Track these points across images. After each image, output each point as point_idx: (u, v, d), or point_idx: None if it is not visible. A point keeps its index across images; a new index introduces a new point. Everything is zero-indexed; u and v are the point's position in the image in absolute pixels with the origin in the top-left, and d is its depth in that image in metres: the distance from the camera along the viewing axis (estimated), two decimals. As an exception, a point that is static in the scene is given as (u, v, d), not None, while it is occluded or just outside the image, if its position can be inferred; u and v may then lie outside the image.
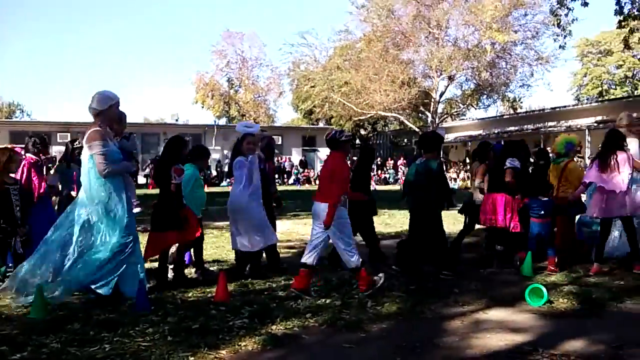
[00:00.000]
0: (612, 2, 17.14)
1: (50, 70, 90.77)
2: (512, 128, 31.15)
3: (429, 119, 31.36)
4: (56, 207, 6.80)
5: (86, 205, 5.01)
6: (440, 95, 31.26)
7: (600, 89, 49.50)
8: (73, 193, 6.51)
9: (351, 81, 29.82)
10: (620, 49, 36.46)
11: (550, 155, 7.62)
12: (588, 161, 8.20)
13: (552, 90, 56.74)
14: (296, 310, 4.65)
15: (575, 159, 7.72)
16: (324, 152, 34.96)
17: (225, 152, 29.84)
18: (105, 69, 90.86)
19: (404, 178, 8.85)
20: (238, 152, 6.01)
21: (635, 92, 45.66)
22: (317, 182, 7.08)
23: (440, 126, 30.87)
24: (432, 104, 30.76)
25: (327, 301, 4.95)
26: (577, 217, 7.23)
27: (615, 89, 49.42)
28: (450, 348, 3.80)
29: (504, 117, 35.75)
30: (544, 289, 4.82)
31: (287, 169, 32.32)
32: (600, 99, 41.53)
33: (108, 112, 5.11)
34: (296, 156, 34.79)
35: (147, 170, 26.80)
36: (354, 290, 5.24)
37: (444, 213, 6.34)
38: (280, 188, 7.44)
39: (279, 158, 31.49)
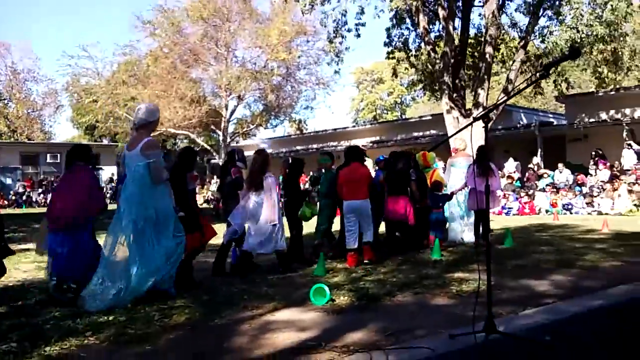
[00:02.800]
0: (384, 35, 19.17)
1: None
2: (299, 147, 32.79)
3: (220, 138, 31.51)
4: None
5: (138, 212, 5.29)
6: (230, 114, 31.64)
7: (374, 113, 54.66)
8: None
9: (138, 97, 28.66)
10: (390, 78, 40.53)
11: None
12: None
13: (334, 112, 61.85)
14: (74, 329, 4.27)
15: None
16: (108, 171, 33.01)
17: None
18: None
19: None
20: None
21: (403, 116, 51.32)
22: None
23: (231, 145, 31.23)
24: (222, 122, 30.96)
25: (110, 318, 4.64)
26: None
27: (387, 113, 55.00)
28: (239, 350, 3.81)
29: (292, 137, 37.50)
30: (327, 289, 5.11)
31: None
32: (374, 122, 45.84)
33: (153, 123, 5.67)
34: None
35: None
36: (140, 305, 5.00)
37: None
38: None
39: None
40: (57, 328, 4.32)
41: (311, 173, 14.03)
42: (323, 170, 8.69)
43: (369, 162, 9.70)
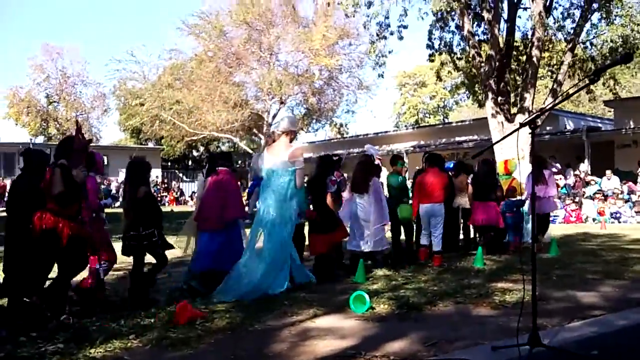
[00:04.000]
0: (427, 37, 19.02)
1: None
2: (340, 151, 32.75)
3: (262, 141, 31.77)
4: None
5: (278, 213, 5.82)
6: (273, 118, 31.87)
7: (416, 117, 54.16)
8: None
9: (183, 100, 29.19)
10: (433, 81, 40.19)
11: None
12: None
13: (375, 117, 61.42)
14: (118, 332, 4.36)
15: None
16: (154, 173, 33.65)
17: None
18: None
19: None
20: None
21: (446, 120, 50.69)
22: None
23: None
24: (264, 126, 31.20)
25: (152, 321, 4.72)
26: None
27: (430, 117, 54.43)
28: (279, 357, 3.82)
29: (332, 141, 37.46)
30: (367, 296, 5.07)
31: (112, 191, 30.48)
32: (416, 126, 45.44)
33: (294, 132, 6.16)
34: (122, 177, 33.03)
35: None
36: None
37: None
38: (108, 210, 7.02)
39: (105, 179, 29.64)
40: (102, 330, 4.41)
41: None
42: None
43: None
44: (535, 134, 3.75)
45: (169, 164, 41.64)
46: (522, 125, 3.66)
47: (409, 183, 10.44)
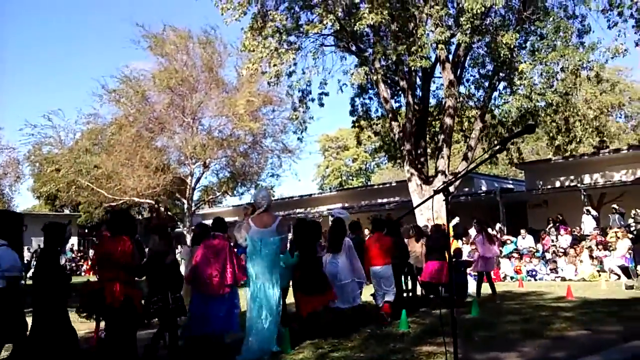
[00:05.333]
0: (349, 104, 19.74)
1: None
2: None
3: (185, 206, 31.16)
4: None
5: (270, 275, 6.41)
6: (196, 182, 31.45)
7: (340, 179, 55.18)
8: None
9: (102, 165, 28.31)
10: (354, 145, 41.18)
11: None
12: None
13: (300, 180, 62.24)
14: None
15: None
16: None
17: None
18: None
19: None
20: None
21: (368, 182, 51.92)
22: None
23: (196, 212, 30.91)
24: (187, 190, 30.70)
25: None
26: None
27: (353, 179, 55.60)
28: None
29: (258, 204, 37.29)
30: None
31: (25, 259, 28.67)
32: (340, 188, 46.20)
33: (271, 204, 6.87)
34: (36, 246, 31.24)
35: None
36: None
37: None
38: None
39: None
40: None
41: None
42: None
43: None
44: (452, 195, 3.89)
45: (87, 231, 39.89)
46: (436, 192, 3.79)
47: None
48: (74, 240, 32.73)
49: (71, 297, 5.59)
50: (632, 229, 16.34)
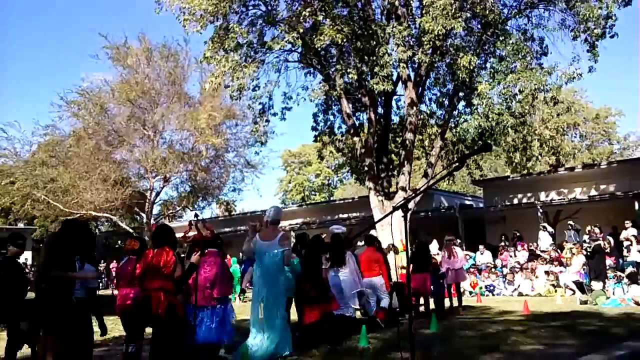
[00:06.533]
0: (311, 119, 19.82)
1: None
2: (227, 229, 32.33)
3: (144, 220, 30.63)
4: None
5: (273, 288, 6.88)
6: (156, 196, 30.98)
7: (302, 194, 55.20)
8: None
9: (59, 178, 27.62)
10: (317, 160, 41.33)
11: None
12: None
13: (262, 195, 61.91)
14: None
15: None
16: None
17: None
18: None
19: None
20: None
21: (331, 197, 52.08)
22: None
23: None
24: (147, 204, 30.20)
25: None
26: None
27: (316, 194, 55.69)
28: None
29: (219, 218, 36.99)
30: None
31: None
32: (303, 203, 46.19)
33: (280, 220, 7.44)
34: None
35: None
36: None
37: None
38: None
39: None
40: None
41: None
42: None
43: None
44: (412, 212, 3.93)
45: (41, 245, 38.70)
46: (395, 208, 3.83)
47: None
48: (27, 255, 31.72)
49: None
50: (587, 245, 16.80)
